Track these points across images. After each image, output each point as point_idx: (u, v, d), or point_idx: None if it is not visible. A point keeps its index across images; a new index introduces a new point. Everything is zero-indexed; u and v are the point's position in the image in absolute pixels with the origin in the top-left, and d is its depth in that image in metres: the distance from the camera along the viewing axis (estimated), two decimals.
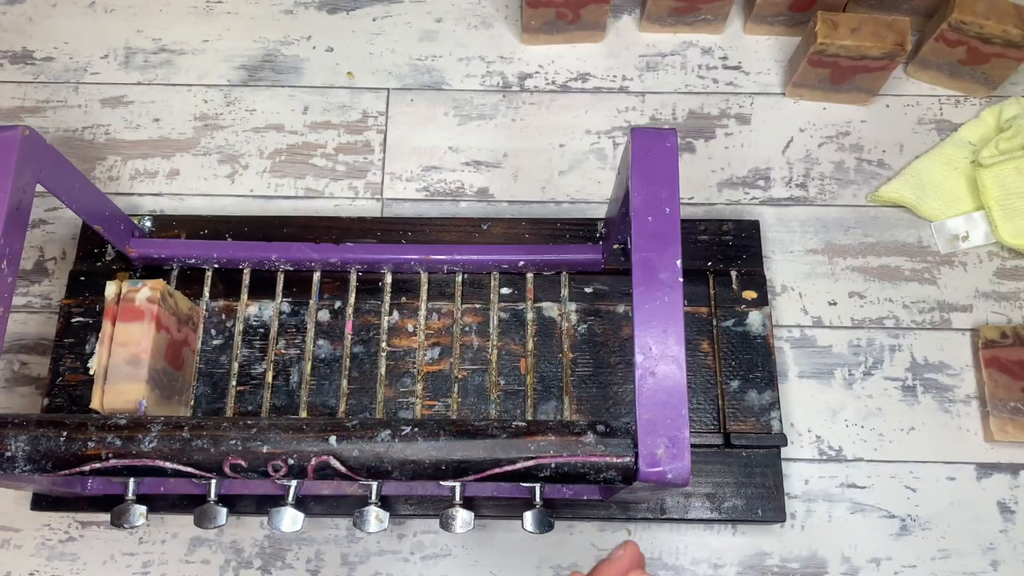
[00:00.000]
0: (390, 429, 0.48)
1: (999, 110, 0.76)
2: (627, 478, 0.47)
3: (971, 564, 0.65)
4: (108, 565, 0.65)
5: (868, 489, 0.67)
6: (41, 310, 0.71)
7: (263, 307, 0.68)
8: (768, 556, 0.65)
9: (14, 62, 0.79)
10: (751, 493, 0.64)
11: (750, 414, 0.65)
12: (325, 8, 0.81)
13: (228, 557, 0.65)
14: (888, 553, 0.65)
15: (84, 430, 0.48)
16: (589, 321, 0.68)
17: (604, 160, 0.76)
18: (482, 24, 0.81)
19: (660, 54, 0.80)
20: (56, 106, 0.78)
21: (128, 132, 0.77)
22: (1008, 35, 0.70)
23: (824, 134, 0.77)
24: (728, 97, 0.78)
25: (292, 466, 0.47)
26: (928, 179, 0.74)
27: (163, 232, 0.71)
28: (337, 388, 0.66)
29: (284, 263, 0.68)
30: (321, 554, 0.65)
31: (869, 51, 0.70)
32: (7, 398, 0.69)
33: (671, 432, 0.46)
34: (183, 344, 0.64)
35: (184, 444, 0.47)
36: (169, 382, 0.61)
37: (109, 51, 0.80)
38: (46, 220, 0.74)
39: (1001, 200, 0.72)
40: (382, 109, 0.78)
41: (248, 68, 0.79)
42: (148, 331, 0.58)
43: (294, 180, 0.76)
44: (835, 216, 0.74)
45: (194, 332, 0.66)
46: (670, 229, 0.50)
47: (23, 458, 0.47)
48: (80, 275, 0.69)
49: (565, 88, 0.79)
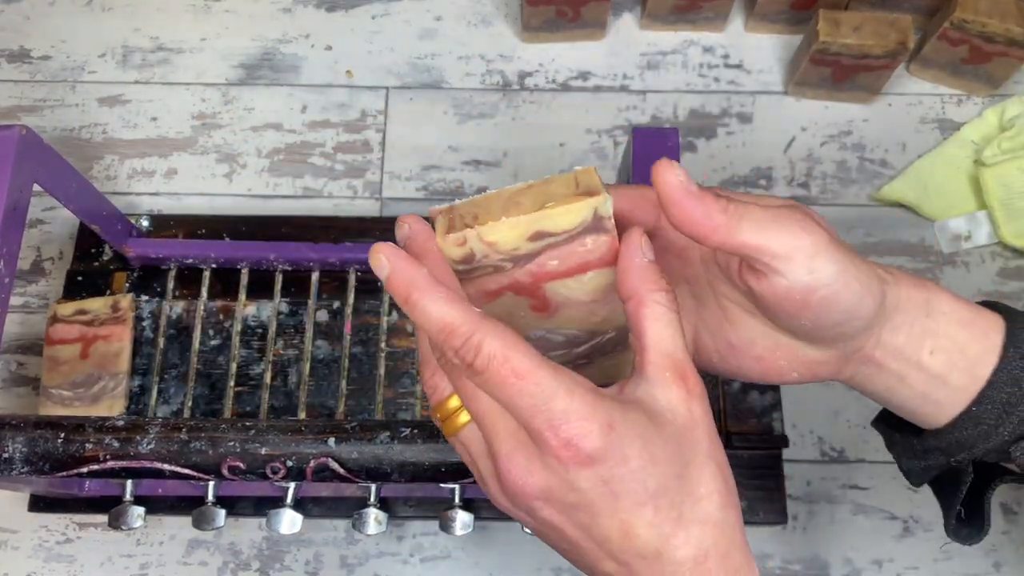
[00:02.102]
0: (389, 431, 0.47)
1: (1002, 109, 0.75)
2: None
3: (973, 566, 0.65)
4: (106, 566, 0.65)
5: (870, 490, 0.66)
6: (38, 310, 0.71)
7: (261, 307, 0.68)
8: (770, 558, 0.65)
9: (11, 61, 0.79)
10: (752, 494, 0.64)
11: (751, 415, 0.65)
12: (324, 6, 0.81)
13: (226, 559, 0.65)
14: (890, 555, 0.65)
15: (82, 432, 0.47)
16: None
17: (605, 159, 0.76)
18: (482, 22, 0.80)
19: (661, 52, 0.79)
20: (53, 105, 0.77)
21: (126, 131, 0.77)
22: (1011, 34, 0.70)
23: (826, 133, 0.77)
24: (730, 96, 0.78)
25: (291, 468, 0.47)
26: (930, 178, 0.74)
27: (161, 232, 0.71)
28: (336, 389, 0.66)
29: (282, 263, 0.68)
30: (320, 556, 0.65)
31: (871, 50, 0.70)
32: (4, 398, 0.69)
33: None
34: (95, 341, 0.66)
35: (182, 446, 0.47)
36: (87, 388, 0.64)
37: (107, 50, 0.79)
38: (43, 220, 0.74)
39: (1004, 200, 0.72)
40: (381, 108, 0.78)
41: (246, 67, 0.79)
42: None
43: (292, 179, 0.75)
44: (837, 216, 0.74)
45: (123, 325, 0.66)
46: None
47: (20, 459, 0.47)
48: (77, 275, 0.69)
49: (565, 87, 0.78)
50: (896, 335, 0.37)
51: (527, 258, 0.33)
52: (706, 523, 0.32)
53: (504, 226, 0.32)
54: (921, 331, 0.37)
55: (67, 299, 0.67)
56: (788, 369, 0.38)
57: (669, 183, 0.32)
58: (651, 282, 0.33)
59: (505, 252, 0.33)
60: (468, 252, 0.33)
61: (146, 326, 0.67)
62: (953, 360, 0.37)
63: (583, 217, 0.32)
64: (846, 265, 0.33)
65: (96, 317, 0.66)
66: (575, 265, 0.34)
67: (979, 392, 0.37)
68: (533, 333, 0.37)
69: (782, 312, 0.35)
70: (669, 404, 0.32)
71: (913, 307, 0.37)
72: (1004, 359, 0.37)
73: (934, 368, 0.37)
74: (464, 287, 0.34)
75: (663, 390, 0.32)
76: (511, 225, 0.32)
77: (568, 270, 0.34)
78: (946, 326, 0.37)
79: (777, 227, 0.32)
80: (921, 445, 0.40)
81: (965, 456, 0.38)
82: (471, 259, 0.33)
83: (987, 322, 0.37)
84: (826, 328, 0.35)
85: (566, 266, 0.34)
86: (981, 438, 0.37)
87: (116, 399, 0.64)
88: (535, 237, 0.33)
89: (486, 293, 0.35)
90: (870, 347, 0.37)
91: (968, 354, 0.37)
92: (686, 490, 0.32)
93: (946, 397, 0.38)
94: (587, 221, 0.33)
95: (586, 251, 0.34)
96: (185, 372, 0.66)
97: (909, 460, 0.41)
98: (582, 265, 0.34)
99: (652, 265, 0.33)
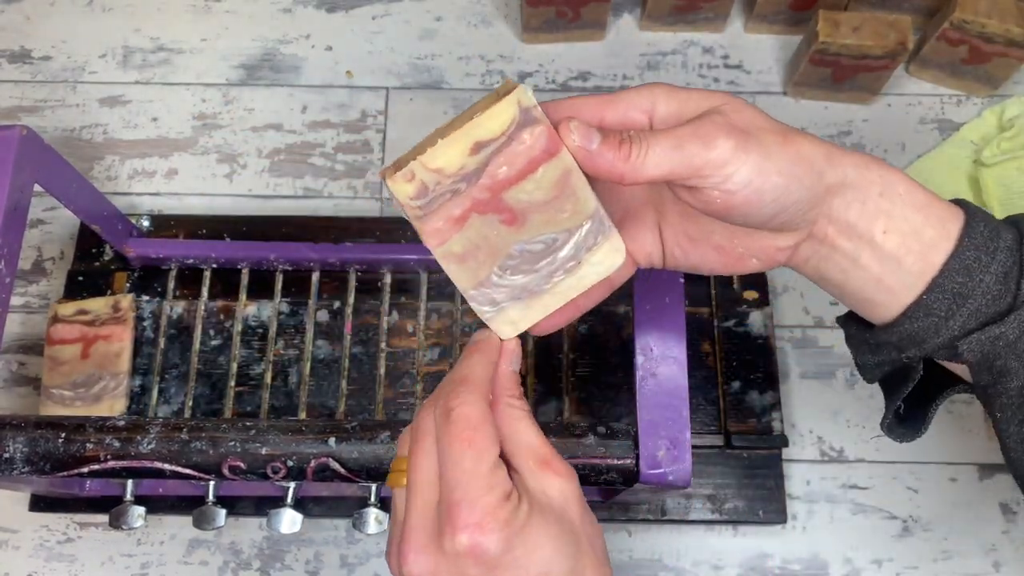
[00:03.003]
0: (390, 431, 0.47)
1: (1001, 109, 0.75)
2: (628, 480, 0.47)
3: (973, 565, 0.65)
4: (106, 566, 0.65)
5: (870, 490, 0.66)
6: (39, 310, 0.71)
7: (262, 307, 0.68)
8: (769, 557, 0.65)
9: (12, 61, 0.79)
10: (752, 494, 0.64)
11: (751, 415, 0.65)
12: (324, 7, 0.81)
13: (227, 558, 0.65)
14: (890, 554, 0.65)
15: (82, 431, 0.47)
16: (589, 321, 0.68)
17: None
18: (482, 23, 0.81)
19: (661, 53, 0.79)
20: (54, 105, 0.77)
21: (126, 131, 0.77)
22: (1010, 34, 0.70)
23: (826, 133, 0.77)
24: None
25: (291, 468, 0.47)
26: (930, 179, 0.74)
27: (161, 232, 0.71)
28: (336, 389, 0.66)
29: (283, 263, 0.68)
30: (320, 555, 0.65)
31: (871, 50, 0.70)
32: (5, 398, 0.69)
33: (672, 433, 0.46)
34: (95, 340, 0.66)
35: (183, 446, 0.47)
36: (88, 388, 0.64)
37: (107, 50, 0.79)
38: (44, 220, 0.74)
39: (1003, 200, 0.72)
40: (381, 108, 0.78)
41: (247, 67, 0.79)
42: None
43: (293, 179, 0.75)
44: None
45: (123, 325, 0.66)
46: None
47: (21, 459, 0.47)
48: (78, 275, 0.69)
49: (565, 87, 0.78)
50: (848, 211, 0.37)
51: (476, 173, 0.35)
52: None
53: (442, 147, 0.34)
54: (874, 209, 0.37)
55: (68, 299, 0.67)
56: (747, 255, 0.40)
57: (571, 147, 0.35)
58: (506, 390, 0.38)
59: (454, 173, 0.35)
60: (420, 185, 0.35)
61: (147, 326, 0.68)
62: (907, 243, 0.37)
63: (511, 114, 0.34)
64: (760, 162, 0.34)
65: (97, 317, 0.66)
66: (524, 165, 0.35)
67: (931, 279, 0.37)
68: (514, 249, 0.38)
69: (715, 215, 0.36)
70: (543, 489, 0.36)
71: (865, 183, 0.37)
72: (959, 247, 0.37)
73: (887, 247, 0.37)
74: (430, 220, 0.36)
75: (534, 480, 0.36)
76: (448, 144, 0.34)
77: (519, 172, 0.35)
78: (901, 207, 0.37)
79: (680, 152, 0.34)
80: (874, 339, 0.40)
81: (916, 352, 0.39)
82: (425, 191, 0.35)
83: (944, 210, 0.38)
84: (762, 221, 0.36)
85: (516, 169, 0.35)
86: (931, 331, 0.38)
87: (117, 399, 0.64)
88: (475, 149, 0.34)
89: (454, 220, 0.36)
90: (822, 224, 0.37)
91: (923, 238, 0.37)
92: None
93: (899, 282, 0.38)
94: (516, 117, 0.34)
95: (527, 148, 0.35)
96: (186, 372, 0.66)
97: (863, 355, 0.42)
98: (530, 163, 0.35)
99: (512, 375, 0.39)
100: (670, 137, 0.34)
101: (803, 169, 0.35)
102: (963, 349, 0.37)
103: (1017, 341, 0.36)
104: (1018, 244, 0.37)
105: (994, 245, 0.37)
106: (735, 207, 0.35)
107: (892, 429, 0.42)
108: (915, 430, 0.41)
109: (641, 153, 0.34)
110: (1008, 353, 0.37)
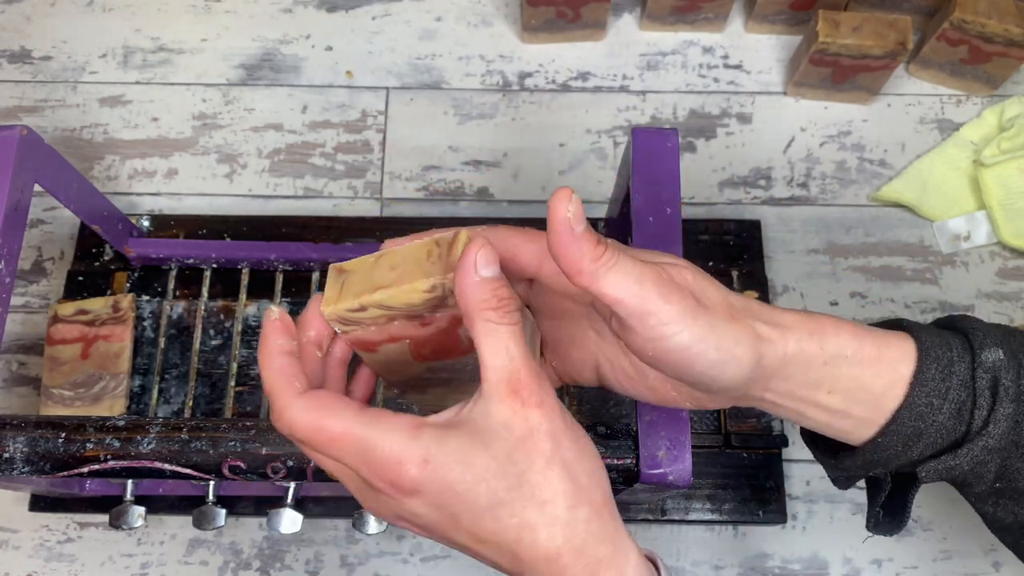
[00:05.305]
0: None
1: (1001, 109, 0.75)
2: (628, 480, 0.47)
3: (973, 565, 0.65)
4: (107, 566, 0.65)
5: None
6: (39, 310, 0.71)
7: (262, 307, 0.68)
8: (769, 557, 0.65)
9: (12, 61, 0.79)
10: (752, 494, 0.64)
11: (751, 415, 0.65)
12: (324, 7, 0.81)
13: (227, 558, 0.65)
14: (890, 554, 0.65)
15: (82, 431, 0.47)
16: None
17: (604, 160, 0.76)
18: (482, 23, 0.81)
19: (661, 53, 0.79)
20: (54, 105, 0.77)
21: (126, 131, 0.77)
22: (1010, 34, 0.70)
23: (825, 133, 0.77)
24: (729, 96, 0.78)
25: (291, 468, 0.47)
26: (930, 179, 0.74)
27: (161, 232, 0.71)
28: None
29: (283, 263, 0.68)
30: (320, 555, 0.65)
31: (871, 50, 0.70)
32: (5, 398, 0.69)
33: (672, 433, 0.46)
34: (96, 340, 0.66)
35: (183, 445, 0.47)
36: (88, 388, 0.64)
37: (107, 50, 0.79)
38: (44, 220, 0.74)
39: (1003, 200, 0.72)
40: (381, 108, 0.78)
41: (247, 67, 0.79)
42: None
43: (293, 180, 0.75)
44: (836, 216, 0.74)
45: (123, 325, 0.66)
46: (671, 229, 0.50)
47: (21, 459, 0.47)
48: (78, 275, 0.69)
49: (565, 87, 0.78)
50: (787, 383, 0.37)
51: (388, 320, 0.37)
52: (554, 524, 0.33)
53: (365, 299, 0.35)
54: (817, 377, 0.37)
55: (68, 299, 0.67)
56: (680, 400, 0.40)
57: (558, 213, 0.33)
58: (481, 300, 0.33)
59: (372, 319, 0.37)
60: (340, 318, 0.37)
61: (147, 326, 0.68)
62: (855, 396, 0.37)
63: (423, 298, 0.35)
64: (703, 334, 0.34)
65: (97, 317, 0.66)
66: (431, 334, 0.37)
67: (883, 425, 0.37)
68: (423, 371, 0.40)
69: (644, 359, 0.36)
70: (502, 418, 0.33)
71: (804, 361, 0.36)
72: (910, 395, 0.37)
73: (833, 405, 0.37)
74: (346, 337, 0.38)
75: (497, 405, 0.33)
76: (367, 298, 0.35)
77: (423, 323, 0.37)
78: (848, 368, 0.37)
79: (638, 287, 0.33)
80: (838, 463, 0.41)
81: (880, 471, 0.39)
82: (346, 321, 0.37)
83: (895, 354, 0.37)
84: (690, 381, 0.36)
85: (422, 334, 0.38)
86: (891, 459, 0.38)
87: (117, 399, 0.64)
88: (385, 309, 0.36)
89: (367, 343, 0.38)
90: (757, 392, 0.37)
91: (873, 390, 0.37)
92: (527, 497, 0.33)
93: (851, 426, 0.38)
94: (428, 299, 0.35)
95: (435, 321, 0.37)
96: (186, 372, 0.66)
97: (831, 470, 0.42)
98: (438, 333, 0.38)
99: (484, 283, 0.33)
100: (636, 268, 0.33)
101: (743, 350, 0.35)
102: (922, 475, 0.38)
103: (972, 469, 0.37)
104: (971, 374, 0.37)
105: (947, 384, 0.37)
106: (667, 361, 0.35)
107: (878, 526, 0.42)
108: (899, 522, 0.41)
109: (609, 263, 0.33)
110: (967, 473, 0.37)
